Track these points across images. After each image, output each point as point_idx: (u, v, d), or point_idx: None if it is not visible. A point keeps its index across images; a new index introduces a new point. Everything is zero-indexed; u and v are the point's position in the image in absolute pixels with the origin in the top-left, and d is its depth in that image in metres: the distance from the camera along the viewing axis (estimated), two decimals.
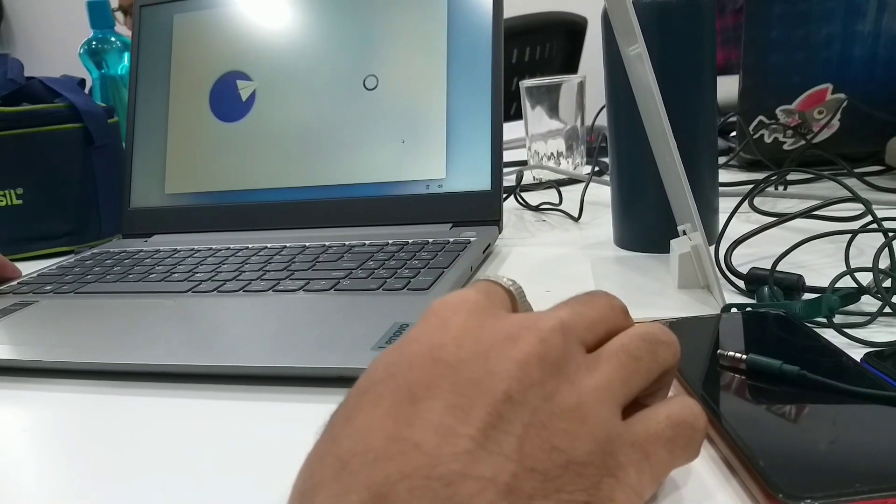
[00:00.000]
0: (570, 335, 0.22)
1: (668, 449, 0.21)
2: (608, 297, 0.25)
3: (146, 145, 0.72)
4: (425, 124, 0.63)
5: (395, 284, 0.47)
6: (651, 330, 0.24)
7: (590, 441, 0.20)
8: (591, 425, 0.20)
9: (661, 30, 0.49)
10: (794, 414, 0.28)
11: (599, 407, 0.21)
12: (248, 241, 0.63)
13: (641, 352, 0.23)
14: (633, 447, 0.20)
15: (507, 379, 0.20)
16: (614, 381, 0.21)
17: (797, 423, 0.27)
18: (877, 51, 0.67)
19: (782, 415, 0.28)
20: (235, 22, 0.70)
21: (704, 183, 0.52)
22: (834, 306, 0.35)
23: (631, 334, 0.23)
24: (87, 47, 1.02)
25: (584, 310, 0.24)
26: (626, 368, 0.22)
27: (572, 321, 0.22)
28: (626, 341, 0.23)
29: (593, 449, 0.20)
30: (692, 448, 0.22)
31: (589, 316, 0.23)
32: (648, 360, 0.23)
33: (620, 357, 0.22)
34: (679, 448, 0.22)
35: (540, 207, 0.72)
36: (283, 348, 0.40)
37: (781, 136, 0.72)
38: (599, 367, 0.22)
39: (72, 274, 0.59)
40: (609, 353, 0.22)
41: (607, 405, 0.21)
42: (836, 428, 0.26)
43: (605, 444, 0.20)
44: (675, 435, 0.21)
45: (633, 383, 0.22)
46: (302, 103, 0.67)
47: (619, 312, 0.25)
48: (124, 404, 0.38)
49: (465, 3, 0.63)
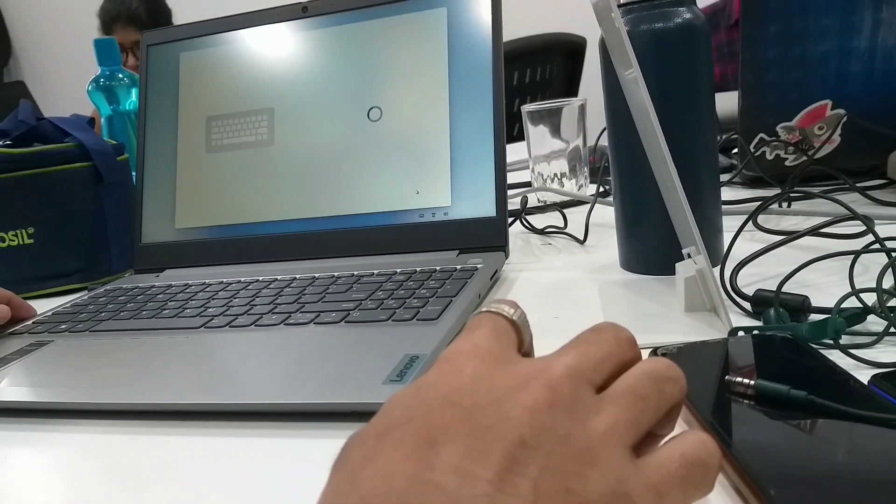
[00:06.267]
0: (577, 379, 0.23)
1: (682, 488, 0.22)
2: (614, 329, 0.26)
3: (156, 181, 0.73)
4: (429, 153, 0.64)
5: (404, 315, 0.48)
6: (656, 367, 0.24)
7: (602, 483, 0.20)
8: (603, 468, 0.20)
9: (657, 57, 0.50)
10: (804, 440, 0.28)
11: (610, 450, 0.21)
12: (258, 273, 0.64)
13: (648, 391, 0.23)
14: (646, 488, 0.21)
15: (520, 425, 0.21)
16: (622, 424, 0.22)
17: (807, 450, 0.27)
18: (873, 66, 0.68)
19: (792, 441, 0.28)
20: (241, 59, 0.71)
21: (707, 203, 0.53)
22: (840, 328, 0.36)
23: (637, 374, 0.24)
24: (95, 84, 1.03)
25: (590, 350, 0.24)
26: (633, 409, 0.23)
27: (579, 364, 0.23)
28: (632, 382, 0.23)
29: (606, 491, 0.20)
30: (706, 485, 0.22)
31: (595, 355, 0.24)
32: (655, 399, 0.23)
33: (628, 398, 0.23)
34: (693, 487, 0.22)
35: (545, 231, 0.73)
36: (295, 384, 0.40)
37: (783, 153, 0.73)
38: (608, 409, 0.22)
39: (86, 312, 0.60)
40: (616, 394, 0.23)
41: (617, 447, 0.21)
42: (846, 454, 0.26)
43: (617, 485, 0.20)
44: (689, 474, 0.22)
45: (641, 423, 0.23)
46: (307, 136, 0.68)
47: (626, 345, 0.25)
48: (141, 444, 0.39)
49: (464, 32, 0.64)
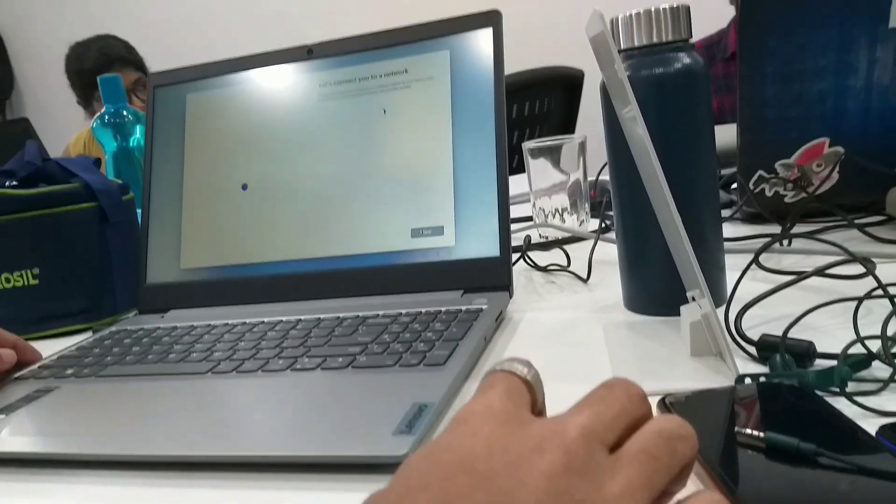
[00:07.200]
0: (592, 441, 0.23)
1: None
2: (625, 386, 0.26)
3: (161, 222, 0.73)
4: (433, 193, 0.65)
5: (411, 360, 0.48)
6: (668, 426, 0.24)
7: None
8: None
9: (658, 101, 0.50)
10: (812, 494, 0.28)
11: None
12: (262, 313, 0.64)
13: (661, 451, 0.23)
14: None
15: (537, 490, 0.21)
16: (637, 486, 0.22)
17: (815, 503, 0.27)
18: (870, 104, 0.69)
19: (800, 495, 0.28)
20: (247, 100, 0.72)
21: (709, 242, 0.53)
22: (846, 377, 0.36)
23: (649, 433, 0.24)
24: (100, 121, 1.04)
25: (602, 409, 0.24)
26: (647, 470, 0.23)
27: (593, 425, 0.23)
28: (645, 442, 0.24)
29: None
30: None
31: (608, 414, 0.24)
32: (668, 459, 0.23)
33: (641, 459, 0.23)
34: None
35: (548, 268, 0.73)
36: (303, 434, 0.40)
37: (782, 190, 0.73)
38: (622, 471, 0.23)
39: (91, 356, 0.60)
40: (630, 455, 0.23)
41: None
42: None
43: None
44: None
45: (655, 484, 0.23)
46: (312, 176, 0.69)
47: (638, 401, 0.26)
48: (147, 496, 0.38)
49: (467, 75, 0.65)
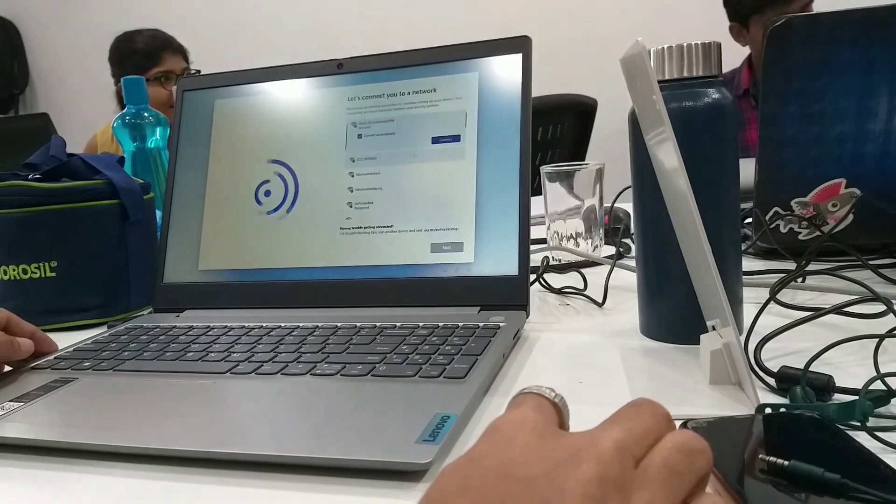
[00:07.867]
0: (624, 454, 0.24)
1: None
2: (652, 406, 0.28)
3: (182, 222, 0.74)
4: (455, 209, 0.66)
5: (431, 372, 0.48)
6: (685, 441, 0.26)
7: None
8: None
9: (686, 133, 0.51)
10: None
11: None
12: (279, 318, 0.65)
13: (681, 465, 0.25)
14: None
15: (573, 498, 0.22)
16: (659, 499, 0.24)
17: None
18: (888, 148, 0.70)
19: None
20: (274, 110, 0.73)
21: (730, 276, 0.54)
22: (867, 411, 0.36)
23: (669, 447, 0.25)
24: (121, 121, 1.05)
25: (632, 425, 0.26)
26: (670, 484, 0.24)
27: (625, 440, 0.25)
28: (666, 456, 0.25)
29: None
30: None
31: (637, 431, 0.26)
32: (687, 472, 0.25)
33: (664, 474, 0.24)
34: None
35: (563, 291, 0.74)
36: (326, 438, 0.41)
37: (797, 227, 0.74)
38: (648, 486, 0.24)
39: (108, 350, 0.60)
40: (654, 470, 0.24)
41: None
42: None
43: None
44: None
45: (676, 496, 0.24)
46: (335, 188, 0.70)
47: (664, 421, 0.27)
48: (166, 490, 0.39)
49: (495, 97, 0.67)
